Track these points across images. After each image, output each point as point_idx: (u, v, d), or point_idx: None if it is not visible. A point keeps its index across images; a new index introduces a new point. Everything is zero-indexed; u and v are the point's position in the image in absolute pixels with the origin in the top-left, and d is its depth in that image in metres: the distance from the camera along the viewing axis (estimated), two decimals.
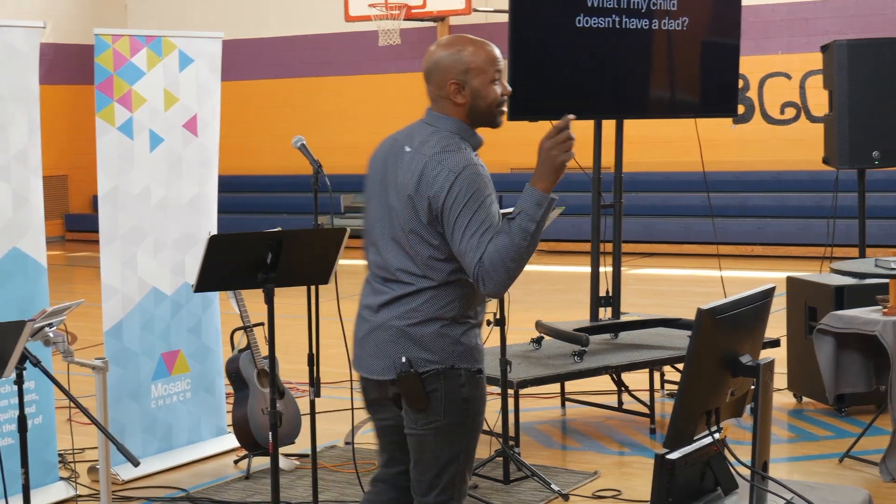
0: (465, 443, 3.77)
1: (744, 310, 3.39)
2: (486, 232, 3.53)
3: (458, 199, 3.55)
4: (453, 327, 3.70)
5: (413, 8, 16.96)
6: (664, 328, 7.39)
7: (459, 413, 3.73)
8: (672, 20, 7.36)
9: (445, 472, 3.75)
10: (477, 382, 3.78)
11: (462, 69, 3.67)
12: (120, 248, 6.13)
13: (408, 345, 3.69)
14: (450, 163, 3.60)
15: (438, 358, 3.68)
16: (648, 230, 15.88)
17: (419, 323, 3.68)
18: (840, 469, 6.07)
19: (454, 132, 3.72)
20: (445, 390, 3.70)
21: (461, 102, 3.70)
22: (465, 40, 3.70)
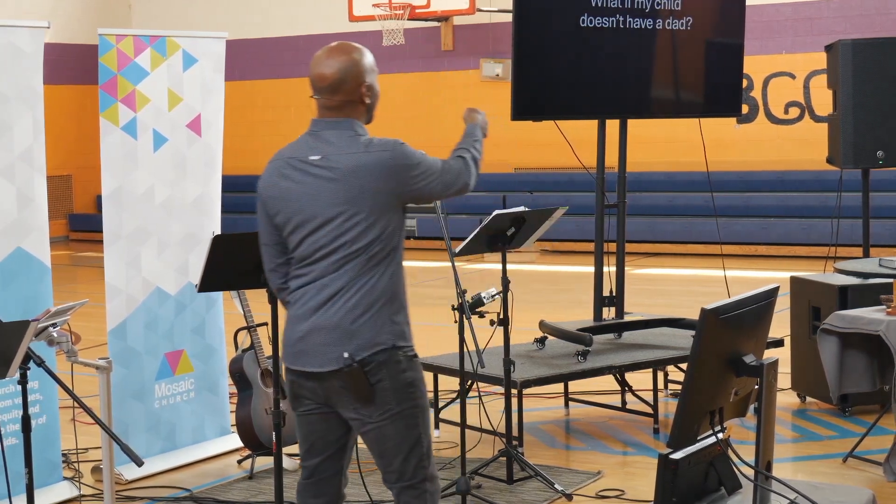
0: (421, 425, 3.89)
1: (747, 309, 3.38)
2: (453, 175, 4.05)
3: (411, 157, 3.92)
4: (388, 308, 3.83)
5: (417, 8, 16.97)
6: (668, 328, 7.38)
7: (409, 397, 3.84)
8: (676, 20, 7.36)
9: (411, 457, 3.87)
10: (415, 364, 3.89)
11: (367, 71, 3.94)
12: (124, 248, 6.14)
13: (348, 337, 3.78)
14: (377, 141, 3.89)
15: (378, 339, 3.78)
16: (652, 230, 15.88)
17: (358, 315, 3.79)
18: (844, 469, 6.07)
19: (360, 132, 3.95)
20: (390, 379, 3.79)
21: (367, 102, 3.96)
22: (354, 47, 3.94)
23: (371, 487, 5.67)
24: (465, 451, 5.60)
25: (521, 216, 5.82)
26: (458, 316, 5.33)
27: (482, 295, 5.48)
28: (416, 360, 3.89)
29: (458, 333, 5.37)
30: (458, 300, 5.28)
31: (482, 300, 5.46)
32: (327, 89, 3.86)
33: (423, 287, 13.69)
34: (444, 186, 3.98)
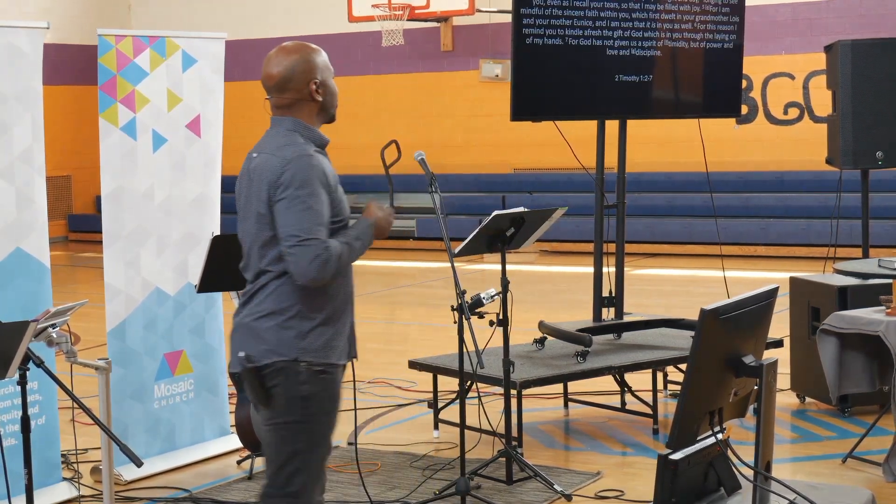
0: (304, 442, 3.80)
1: (747, 310, 3.39)
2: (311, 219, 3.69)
3: (291, 184, 3.70)
4: (298, 321, 3.76)
5: (416, 8, 16.97)
6: (667, 328, 7.39)
7: (298, 411, 3.78)
8: (676, 21, 7.36)
9: (282, 470, 3.81)
10: (320, 381, 3.79)
11: (317, 68, 3.90)
12: (123, 249, 6.14)
13: (249, 338, 3.79)
14: (285, 153, 3.76)
15: (279, 349, 3.75)
16: (652, 230, 15.89)
17: (263, 316, 3.78)
18: (843, 469, 6.07)
19: (292, 129, 3.87)
20: (285, 387, 3.76)
21: (320, 100, 3.91)
22: (305, 46, 3.92)
23: (371, 488, 5.67)
24: (464, 451, 5.60)
25: (520, 217, 5.82)
26: (458, 316, 5.33)
27: (481, 295, 5.48)
28: (323, 377, 3.79)
29: (458, 334, 5.37)
30: (458, 301, 5.28)
31: (481, 301, 5.46)
32: (274, 88, 3.88)
33: (423, 287, 13.70)
34: (292, 237, 3.68)
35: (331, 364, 3.82)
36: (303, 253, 3.67)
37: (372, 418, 7.32)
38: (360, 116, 18.65)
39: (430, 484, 5.89)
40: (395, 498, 5.73)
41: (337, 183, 3.87)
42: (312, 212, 3.70)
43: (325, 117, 3.97)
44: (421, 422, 7.18)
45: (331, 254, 3.69)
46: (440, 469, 6.14)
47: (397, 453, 6.50)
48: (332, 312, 3.84)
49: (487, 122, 17.43)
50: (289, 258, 3.70)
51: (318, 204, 3.71)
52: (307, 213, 3.69)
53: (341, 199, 3.86)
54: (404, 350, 9.63)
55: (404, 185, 17.53)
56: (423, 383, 7.68)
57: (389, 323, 11.79)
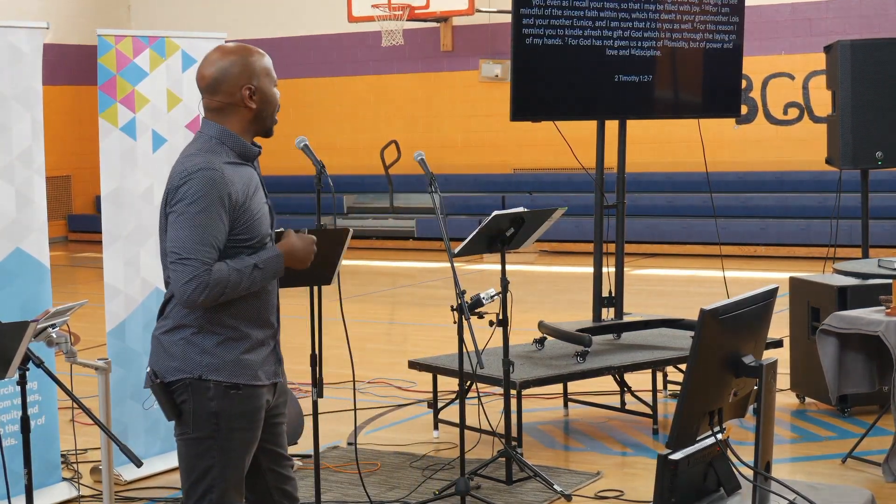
0: (217, 459, 3.65)
1: (747, 310, 3.38)
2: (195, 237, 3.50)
3: (183, 198, 3.53)
4: (203, 337, 3.62)
5: (416, 8, 16.97)
6: (667, 328, 7.39)
7: (208, 427, 3.63)
8: (676, 21, 7.36)
9: (196, 487, 3.68)
10: (231, 397, 3.63)
11: (254, 73, 3.69)
12: (123, 249, 6.14)
13: (158, 353, 3.68)
14: (189, 164, 3.58)
15: (184, 366, 3.63)
16: (651, 230, 15.89)
17: (169, 331, 3.67)
18: (843, 470, 6.07)
19: (214, 136, 3.69)
20: (194, 402, 3.62)
21: (253, 107, 3.68)
22: (245, 48, 3.72)
23: (371, 488, 5.67)
24: (464, 451, 5.60)
25: (520, 217, 5.82)
26: (458, 316, 5.33)
27: (481, 295, 5.48)
28: (234, 394, 3.63)
29: (458, 334, 5.37)
30: (458, 301, 5.28)
31: (481, 301, 5.46)
32: (206, 89, 3.70)
33: (423, 287, 13.70)
34: (173, 253, 3.55)
35: (242, 384, 3.64)
36: (181, 272, 3.51)
37: (372, 418, 7.32)
38: (359, 116, 18.66)
39: (429, 484, 5.89)
40: (394, 498, 5.73)
41: (251, 198, 3.64)
42: (199, 229, 3.50)
43: (259, 127, 3.73)
44: (421, 422, 7.18)
45: (211, 278, 3.49)
46: (440, 469, 6.14)
47: (397, 453, 6.50)
48: (243, 329, 3.65)
49: (487, 122, 17.43)
50: (171, 275, 3.57)
51: (209, 222, 3.50)
52: (193, 230, 3.50)
53: (255, 218, 3.64)
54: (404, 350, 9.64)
55: (404, 185, 17.59)
56: (423, 383, 7.68)
57: (389, 323, 11.80)
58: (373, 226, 17.65)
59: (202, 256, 3.51)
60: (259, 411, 3.71)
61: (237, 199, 3.58)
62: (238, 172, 3.63)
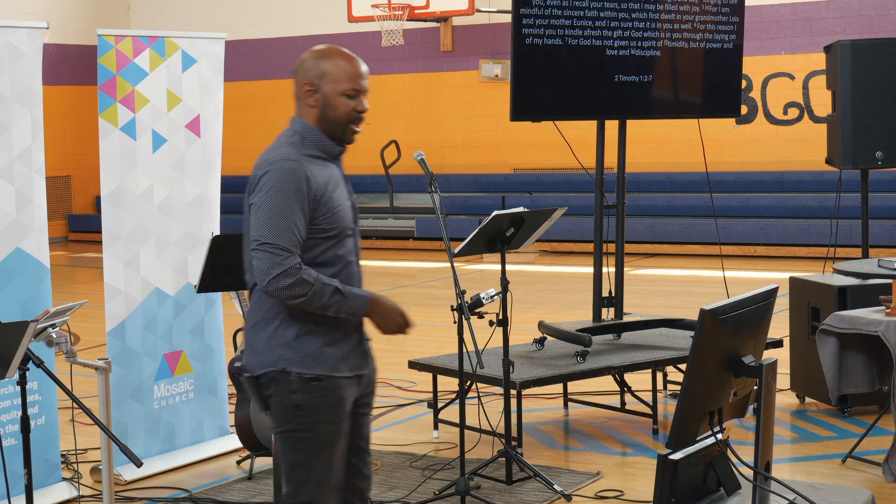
0: (305, 453, 3.70)
1: (747, 310, 3.39)
2: (278, 224, 3.57)
3: (262, 188, 3.61)
4: (284, 329, 3.67)
5: (416, 8, 16.97)
6: (667, 328, 7.38)
7: (294, 420, 3.69)
8: (676, 21, 7.36)
9: (290, 480, 3.73)
10: (313, 389, 3.68)
11: (318, 74, 3.75)
12: (123, 249, 6.14)
13: (248, 348, 3.75)
14: (269, 155, 3.68)
15: (267, 360, 3.69)
16: (651, 230, 15.89)
17: (253, 326, 3.72)
18: (843, 469, 6.07)
19: (298, 132, 3.77)
20: (280, 396, 3.69)
21: (312, 104, 3.76)
22: (335, 51, 3.78)
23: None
24: (464, 451, 5.60)
25: (520, 217, 5.82)
26: (458, 316, 5.33)
27: (481, 295, 5.48)
28: (315, 385, 3.67)
29: (458, 334, 5.37)
30: (458, 301, 5.28)
31: (481, 301, 5.46)
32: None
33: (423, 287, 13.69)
34: (255, 241, 3.60)
35: (323, 375, 3.69)
36: (261, 258, 3.57)
37: (373, 417, 7.32)
38: None
39: (429, 484, 5.89)
40: (394, 498, 5.73)
41: (333, 191, 3.70)
42: (279, 217, 3.57)
43: (325, 130, 3.76)
44: (421, 422, 7.18)
45: (300, 274, 3.57)
46: (440, 469, 6.14)
47: (397, 453, 6.50)
48: (324, 323, 3.69)
49: (487, 122, 17.43)
50: (253, 262, 3.61)
51: (289, 210, 3.59)
52: (273, 218, 3.58)
53: (336, 209, 3.70)
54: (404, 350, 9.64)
55: (404, 185, 17.60)
56: (423, 383, 7.68)
57: None
58: (373, 226, 17.66)
59: (283, 242, 3.57)
60: (342, 403, 3.75)
61: (317, 190, 3.65)
62: (318, 166, 3.71)
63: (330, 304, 3.62)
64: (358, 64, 3.77)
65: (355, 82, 3.74)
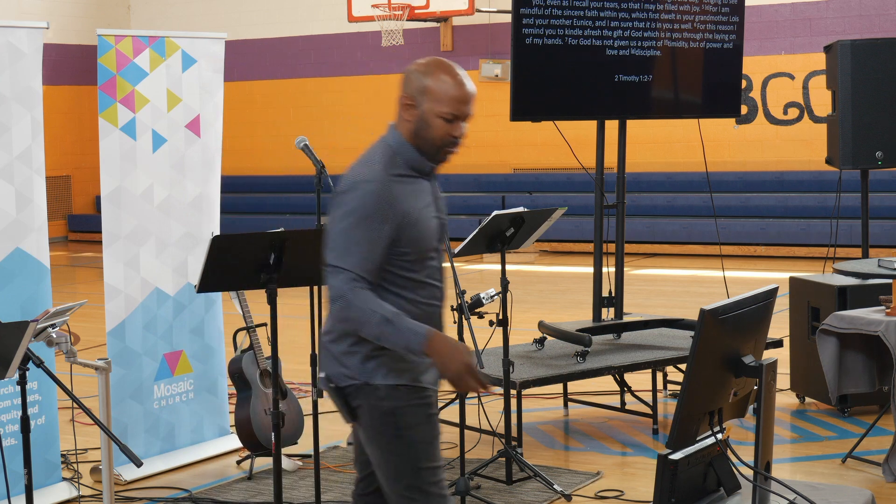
0: (406, 457, 3.63)
1: (747, 310, 3.39)
2: (353, 250, 3.47)
3: (344, 206, 3.50)
4: (361, 345, 3.58)
5: (416, 8, 16.97)
6: (667, 328, 7.38)
7: (388, 426, 3.61)
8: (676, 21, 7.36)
9: (395, 486, 3.65)
10: (402, 394, 3.60)
11: (419, 89, 3.58)
12: (123, 249, 6.14)
13: (328, 359, 3.66)
14: (360, 173, 3.56)
15: (351, 373, 3.61)
16: (651, 230, 15.89)
17: (333, 340, 3.64)
18: (843, 469, 6.07)
19: (392, 144, 3.63)
20: (368, 405, 3.61)
21: (408, 119, 3.60)
22: (444, 68, 3.61)
23: None
24: (464, 451, 5.60)
25: (520, 217, 5.82)
26: (458, 316, 5.33)
27: (481, 295, 5.48)
28: (402, 389, 3.59)
29: (458, 334, 5.37)
30: (458, 301, 5.28)
31: (481, 301, 5.46)
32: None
33: None
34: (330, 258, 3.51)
35: (404, 385, 3.61)
36: (330, 281, 3.48)
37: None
38: (359, 116, 18.66)
39: None
40: None
41: (419, 212, 3.58)
42: (353, 242, 3.47)
43: (418, 146, 3.60)
44: None
45: (354, 299, 3.45)
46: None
47: None
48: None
49: (487, 122, 17.43)
50: (326, 278, 3.52)
51: (366, 235, 3.47)
52: (348, 242, 3.47)
53: (421, 233, 3.58)
54: None
55: None
56: None
57: None
58: None
59: (354, 269, 3.46)
60: (430, 407, 3.68)
61: (401, 215, 3.52)
62: (408, 186, 3.58)
63: (379, 334, 3.46)
64: (464, 87, 3.58)
65: (456, 107, 3.56)
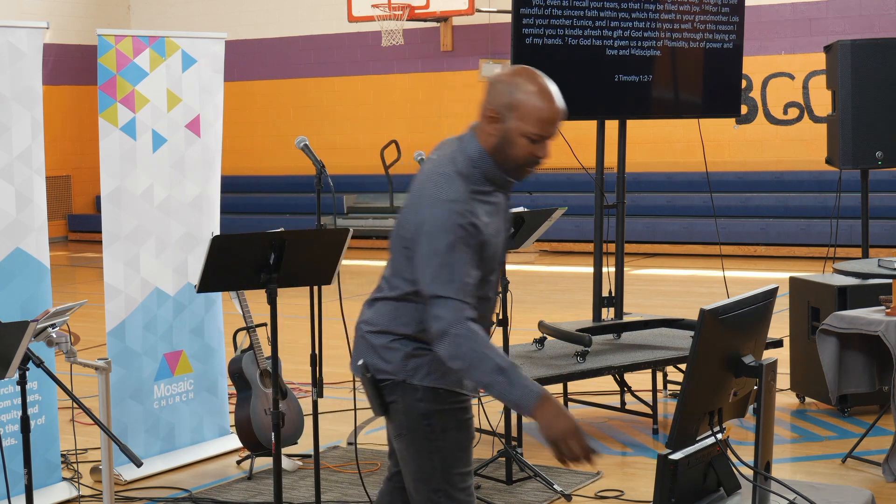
0: (436, 460, 3.56)
1: (747, 310, 3.38)
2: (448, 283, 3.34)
3: (428, 229, 3.37)
4: (405, 342, 3.52)
5: (416, 8, 16.97)
6: (667, 328, 7.38)
7: (422, 428, 3.54)
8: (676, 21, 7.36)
9: (421, 488, 3.60)
10: (441, 397, 3.53)
11: (507, 104, 3.42)
12: (123, 249, 6.14)
13: (367, 349, 3.59)
14: (439, 188, 3.43)
15: (391, 368, 3.54)
16: (651, 230, 15.89)
17: (375, 332, 3.57)
18: (843, 469, 6.07)
19: (471, 156, 3.48)
20: (404, 403, 3.53)
21: (491, 132, 3.44)
22: (536, 84, 3.43)
23: (371, 488, 5.67)
24: None
25: (520, 217, 5.82)
26: None
27: None
28: (440, 392, 3.52)
29: None
30: None
31: None
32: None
33: None
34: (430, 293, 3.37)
35: (443, 388, 3.53)
36: (437, 310, 3.34)
37: (372, 418, 7.31)
38: (360, 116, 18.66)
39: None
40: None
41: (492, 234, 3.47)
42: (453, 268, 3.33)
43: (500, 160, 3.46)
44: None
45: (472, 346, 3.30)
46: None
47: None
48: None
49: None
50: (429, 309, 3.37)
51: (462, 258, 3.34)
52: (448, 268, 3.33)
53: (491, 254, 3.46)
54: None
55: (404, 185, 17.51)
56: None
57: None
58: (373, 226, 17.65)
59: (459, 296, 3.33)
60: (466, 412, 3.61)
61: (479, 237, 3.42)
62: (486, 205, 3.48)
63: (490, 382, 3.31)
64: (555, 108, 3.43)
65: (544, 128, 3.41)
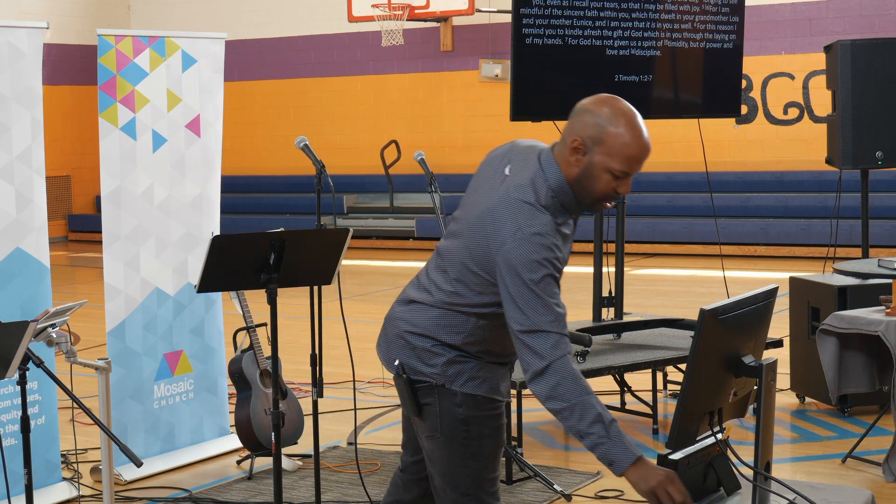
0: (470, 465, 3.57)
1: (747, 310, 3.38)
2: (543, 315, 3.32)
3: (513, 265, 3.32)
4: (445, 348, 3.53)
5: (416, 8, 16.97)
6: (667, 328, 7.38)
7: (458, 433, 3.54)
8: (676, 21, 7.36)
9: (451, 490, 3.60)
10: (479, 403, 3.55)
11: (594, 137, 3.36)
12: (123, 249, 6.14)
13: (405, 349, 3.59)
14: (524, 217, 3.35)
15: (429, 371, 3.54)
16: (651, 230, 15.89)
17: (415, 333, 3.57)
18: (843, 469, 6.07)
19: (553, 187, 3.41)
20: (441, 407, 3.54)
21: (573, 163, 3.38)
22: (626, 118, 3.37)
23: (371, 488, 5.67)
24: None
25: None
26: None
27: None
28: (478, 399, 3.53)
29: None
30: None
31: None
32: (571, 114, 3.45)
33: None
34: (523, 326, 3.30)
35: (482, 396, 3.56)
36: (536, 342, 3.30)
37: (372, 418, 7.32)
38: (359, 116, 18.66)
39: None
40: None
41: (566, 261, 3.48)
42: (548, 302, 3.30)
43: (578, 191, 3.40)
44: None
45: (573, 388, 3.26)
46: None
47: (397, 453, 6.48)
48: (485, 356, 3.56)
49: (487, 122, 17.43)
50: (522, 348, 3.32)
51: (554, 291, 3.32)
52: (544, 302, 3.30)
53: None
54: None
55: (404, 185, 17.58)
56: None
57: None
58: (373, 226, 17.65)
59: (557, 329, 3.32)
60: (501, 418, 3.63)
61: (562, 268, 3.43)
62: (564, 235, 3.46)
63: (586, 431, 3.26)
64: (643, 143, 3.38)
65: (630, 166, 3.35)
